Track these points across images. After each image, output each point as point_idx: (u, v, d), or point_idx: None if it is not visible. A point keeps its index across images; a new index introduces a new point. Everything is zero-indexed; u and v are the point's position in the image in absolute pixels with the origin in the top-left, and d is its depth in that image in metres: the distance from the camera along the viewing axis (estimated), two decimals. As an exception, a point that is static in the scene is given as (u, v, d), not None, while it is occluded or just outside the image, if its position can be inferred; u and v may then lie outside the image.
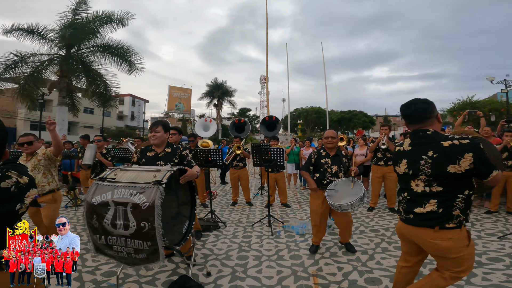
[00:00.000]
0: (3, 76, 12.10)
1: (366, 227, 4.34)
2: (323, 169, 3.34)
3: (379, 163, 5.20)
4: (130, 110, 46.31)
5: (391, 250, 3.43)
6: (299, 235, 4.02)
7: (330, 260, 3.18)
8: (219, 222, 4.53)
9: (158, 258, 1.95)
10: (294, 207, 5.82)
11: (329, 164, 3.34)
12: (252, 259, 3.23)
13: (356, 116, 46.28)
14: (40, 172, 3.22)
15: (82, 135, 6.11)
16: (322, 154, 3.42)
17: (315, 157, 3.42)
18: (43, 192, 3.21)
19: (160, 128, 2.80)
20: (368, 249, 3.44)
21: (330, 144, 3.37)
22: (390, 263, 3.06)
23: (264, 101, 66.12)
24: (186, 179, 2.41)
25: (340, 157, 3.39)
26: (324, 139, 3.44)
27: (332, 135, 3.39)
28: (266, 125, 7.88)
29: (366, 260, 3.14)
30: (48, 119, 2.93)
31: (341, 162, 3.37)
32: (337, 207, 2.92)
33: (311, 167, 3.42)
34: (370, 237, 3.87)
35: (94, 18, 13.47)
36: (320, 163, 3.37)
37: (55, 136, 3.11)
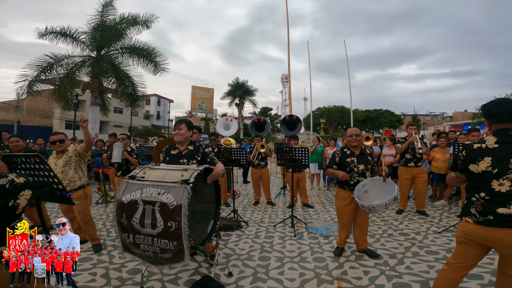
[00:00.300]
0: (40, 77, 12.91)
1: (394, 230, 4.17)
2: (349, 169, 3.19)
3: (409, 164, 4.94)
4: (155, 109, 47.90)
5: (422, 254, 3.26)
6: (323, 237, 3.91)
7: (355, 264, 3.06)
8: (242, 222, 4.52)
9: (183, 258, 1.96)
10: (317, 208, 5.70)
11: (355, 163, 3.19)
12: (274, 260, 3.17)
13: (383, 115, 44.61)
14: (71, 168, 3.37)
15: (110, 133, 6.38)
16: (347, 153, 3.27)
17: (339, 156, 3.28)
18: (74, 187, 3.36)
19: (184, 125, 2.83)
20: (397, 253, 3.30)
21: (354, 142, 3.23)
22: (421, 268, 2.91)
23: (285, 100, 65.79)
24: (213, 179, 2.41)
25: (365, 156, 3.24)
26: (347, 137, 3.29)
27: (356, 133, 3.24)
28: (287, 124, 7.78)
29: (394, 264, 3.01)
30: (81, 117, 3.08)
31: (367, 160, 3.22)
32: (369, 208, 2.78)
33: (335, 166, 3.29)
34: (399, 241, 3.71)
35: (121, 20, 14.05)
36: (345, 162, 3.23)
37: (87, 133, 3.26)
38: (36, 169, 1.71)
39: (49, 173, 1.72)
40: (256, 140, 5.99)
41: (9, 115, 27.21)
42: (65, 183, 3.30)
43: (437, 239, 3.77)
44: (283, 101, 67.73)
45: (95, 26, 13.61)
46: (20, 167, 1.71)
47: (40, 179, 1.73)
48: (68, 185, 3.31)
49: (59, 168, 3.33)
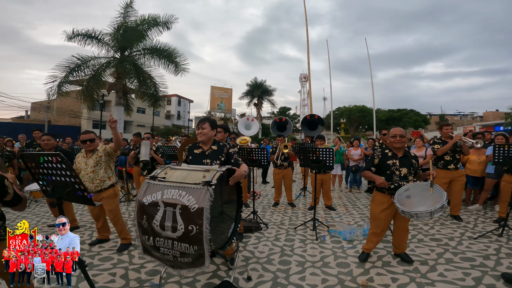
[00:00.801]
0: (68, 78, 13.51)
1: (425, 235, 3.94)
2: (390, 172, 2.96)
3: (449, 166, 4.61)
4: (176, 109, 48.96)
5: (457, 261, 3.07)
6: (346, 241, 3.76)
7: (382, 270, 2.90)
8: (261, 223, 4.42)
9: (203, 263, 1.89)
10: (339, 210, 5.51)
11: (397, 166, 2.96)
12: (295, 265, 3.06)
13: (407, 115, 42.86)
14: (102, 168, 3.39)
15: (134, 133, 6.52)
16: (388, 155, 3.04)
17: (379, 158, 3.05)
18: (105, 186, 3.38)
19: (207, 124, 2.74)
20: (429, 260, 3.12)
21: (398, 143, 2.99)
22: (456, 275, 2.75)
23: (304, 99, 64.99)
24: (235, 180, 2.32)
25: (409, 158, 3.00)
26: (390, 138, 3.05)
27: (400, 134, 2.99)
28: (308, 124, 7.57)
29: (426, 271, 2.85)
30: (110, 117, 3.08)
31: (410, 163, 2.97)
32: (411, 214, 2.58)
33: (373, 168, 3.08)
34: (430, 247, 3.51)
35: (142, 21, 14.40)
36: (386, 164, 3.00)
37: (116, 133, 3.26)
38: (58, 169, 1.69)
39: (71, 173, 1.70)
40: (279, 140, 5.85)
41: (40, 114, 28.87)
42: (96, 182, 3.33)
43: (472, 245, 3.55)
44: (301, 101, 66.89)
45: (117, 27, 14.06)
46: (42, 166, 1.71)
47: (62, 178, 1.72)
48: (99, 185, 3.34)
49: (90, 168, 3.35)
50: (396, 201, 2.73)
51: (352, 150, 7.47)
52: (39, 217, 4.87)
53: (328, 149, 4.33)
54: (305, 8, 25.71)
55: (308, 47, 24.50)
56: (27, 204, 5.58)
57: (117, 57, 14.59)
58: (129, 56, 14.69)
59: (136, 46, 14.74)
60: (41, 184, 1.85)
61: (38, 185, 1.87)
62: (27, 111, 31.67)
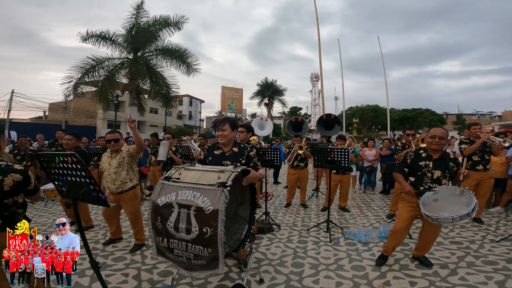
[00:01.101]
0: (84, 79, 13.85)
1: (444, 238, 3.82)
2: (421, 173, 2.83)
3: (477, 167, 4.42)
4: (188, 109, 49.47)
5: (479, 264, 2.99)
6: (361, 244, 3.66)
7: (400, 273, 2.81)
8: (273, 225, 4.36)
9: (217, 266, 1.85)
10: (353, 212, 5.39)
11: (429, 168, 2.80)
12: (308, 267, 2.99)
13: (422, 115, 41.79)
14: (124, 169, 3.34)
15: (151, 133, 6.60)
16: (422, 156, 2.89)
17: (412, 158, 2.92)
18: (126, 188, 3.33)
19: (227, 126, 2.65)
20: (449, 263, 3.04)
21: (435, 145, 2.79)
22: (478, 279, 2.68)
23: (315, 99, 64.39)
24: (249, 181, 2.26)
25: (445, 161, 2.80)
26: (428, 138, 2.86)
27: (441, 135, 2.77)
28: (323, 123, 7.45)
29: (446, 275, 2.77)
30: (129, 117, 3.03)
31: (446, 166, 2.77)
32: (432, 219, 2.48)
33: (406, 169, 2.95)
34: (450, 250, 3.42)
35: (154, 22, 14.62)
36: (417, 165, 2.86)
37: (136, 134, 3.21)
38: (73, 169, 1.69)
39: (86, 174, 1.69)
40: (295, 140, 5.75)
41: (58, 115, 29.77)
42: (117, 184, 3.30)
43: (495, 248, 3.43)
44: (313, 101, 66.33)
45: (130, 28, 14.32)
46: (58, 166, 1.71)
47: (77, 179, 1.71)
48: (120, 187, 3.31)
49: (112, 168, 3.32)
50: (421, 203, 2.61)
51: (366, 151, 7.32)
52: (55, 215, 4.97)
53: (343, 150, 4.22)
54: (316, 7, 25.46)
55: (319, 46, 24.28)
56: (45, 203, 5.76)
57: (130, 58, 14.86)
58: (141, 56, 14.94)
59: (149, 47, 14.99)
60: (56, 184, 1.85)
61: (54, 185, 1.87)
62: (45, 111, 32.71)
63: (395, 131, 43.23)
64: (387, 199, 6.62)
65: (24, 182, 1.84)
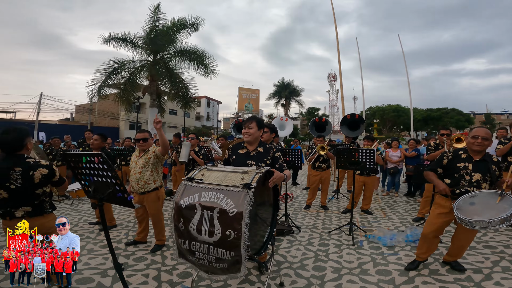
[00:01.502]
0: (107, 82, 14.37)
1: (477, 242, 3.68)
2: (458, 175, 2.65)
3: None
4: (205, 111, 50.16)
5: None
6: (386, 247, 3.52)
7: (429, 278, 2.69)
8: (293, 227, 4.28)
9: (239, 270, 1.80)
10: (377, 215, 5.21)
11: (468, 170, 2.62)
12: (330, 271, 2.90)
13: (448, 114, 40.02)
14: (148, 170, 3.33)
15: (174, 133, 6.71)
16: (461, 157, 2.70)
17: (449, 159, 2.74)
18: (148, 189, 3.33)
19: (254, 124, 2.58)
20: (483, 268, 2.94)
21: (477, 146, 2.59)
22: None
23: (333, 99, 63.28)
24: (274, 182, 2.19)
25: (487, 163, 2.61)
26: (470, 139, 2.67)
27: (484, 135, 2.57)
28: (348, 124, 7.25)
29: (480, 280, 2.67)
30: (155, 118, 3.00)
31: (487, 169, 2.58)
32: (466, 222, 2.32)
33: (440, 169, 2.79)
34: (484, 254, 3.29)
35: (172, 24, 14.89)
36: (455, 167, 2.68)
37: (161, 135, 3.17)
38: (99, 169, 1.70)
39: (112, 174, 1.70)
40: (318, 141, 5.61)
41: (84, 117, 31.15)
42: (141, 184, 3.31)
43: None
44: (330, 101, 65.29)
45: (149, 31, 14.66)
46: (85, 166, 1.73)
47: (103, 179, 1.72)
48: (143, 187, 3.31)
49: (138, 168, 3.34)
50: (455, 206, 2.46)
51: (390, 152, 7.04)
52: (81, 214, 5.14)
53: (369, 150, 4.06)
54: (333, 6, 25.03)
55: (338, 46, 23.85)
56: (71, 202, 6.00)
57: (150, 60, 15.25)
58: (161, 59, 15.28)
59: (167, 49, 15.29)
60: (83, 184, 1.88)
61: (80, 185, 1.91)
62: (71, 113, 34.29)
63: (418, 132, 41.63)
64: (412, 201, 6.35)
65: (50, 175, 2.15)
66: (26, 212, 2.09)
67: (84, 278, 2.74)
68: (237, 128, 8.78)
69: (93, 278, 2.73)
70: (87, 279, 2.71)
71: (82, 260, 3.11)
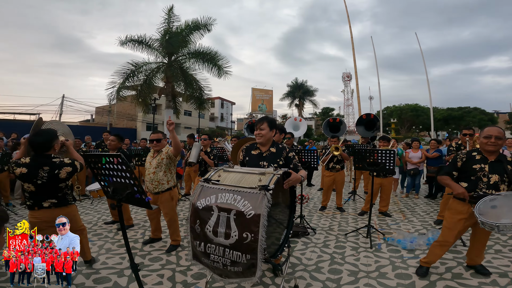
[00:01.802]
0: (125, 84, 14.78)
1: (503, 246, 3.57)
2: (475, 178, 2.53)
3: None
4: (219, 111, 50.61)
5: None
6: (406, 251, 3.42)
7: (452, 282, 2.61)
8: (308, 228, 4.22)
9: (254, 274, 1.76)
10: (396, 217, 5.06)
11: (485, 172, 2.50)
12: (347, 274, 2.84)
13: (470, 114, 38.41)
14: (161, 170, 3.40)
15: (188, 134, 6.80)
16: (476, 158, 2.59)
17: (463, 161, 2.63)
18: (162, 189, 3.40)
19: (265, 125, 2.54)
20: (509, 272, 2.84)
21: (491, 146, 2.49)
22: None
23: (348, 99, 62.24)
24: (290, 184, 2.15)
25: (503, 164, 2.51)
26: (483, 139, 2.56)
27: (497, 134, 2.48)
28: (364, 124, 7.11)
29: (506, 284, 2.61)
30: (168, 120, 3.07)
31: (504, 170, 2.49)
32: (492, 226, 2.19)
33: (455, 172, 2.67)
34: (510, 258, 3.19)
35: (186, 26, 15.14)
36: (471, 169, 2.56)
37: (174, 137, 3.24)
38: (118, 170, 1.71)
39: (131, 175, 1.70)
40: (332, 141, 5.50)
41: (103, 118, 32.20)
42: (154, 184, 3.38)
43: None
44: (345, 101, 64.25)
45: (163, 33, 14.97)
46: (104, 167, 1.75)
47: (122, 180, 1.73)
48: (156, 187, 3.38)
49: (152, 168, 3.41)
50: (477, 210, 2.32)
51: (410, 152, 6.79)
52: (100, 213, 5.27)
53: (389, 151, 3.92)
54: (346, 5, 24.60)
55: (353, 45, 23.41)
56: (91, 201, 6.17)
57: (165, 62, 15.54)
58: (175, 60, 15.54)
59: (182, 51, 15.54)
60: (102, 184, 1.91)
61: (100, 186, 1.94)
62: (92, 115, 35.55)
63: (439, 131, 40.21)
64: (434, 203, 6.13)
65: (73, 171, 2.51)
66: (52, 203, 2.45)
67: (102, 277, 2.79)
68: (250, 128, 8.79)
69: (110, 278, 2.78)
70: (104, 279, 2.76)
71: (100, 260, 3.19)
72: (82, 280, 2.72)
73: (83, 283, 2.67)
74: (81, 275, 2.81)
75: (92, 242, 3.68)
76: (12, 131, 9.27)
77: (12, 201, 5.94)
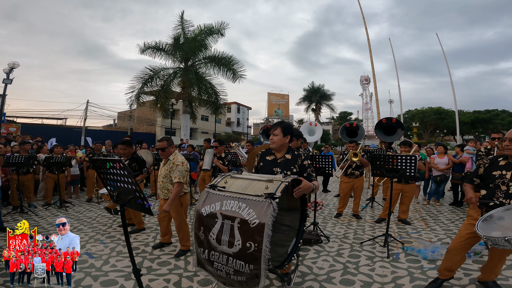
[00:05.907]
0: (143, 89, 15.20)
1: None
2: (494, 185, 2.31)
3: None
4: (236, 116, 50.93)
5: None
6: (427, 261, 3.21)
7: None
8: (322, 236, 4.07)
9: (257, 284, 1.68)
10: (417, 225, 4.79)
11: (505, 180, 2.26)
12: (360, 285, 2.69)
13: (498, 116, 36.40)
14: (168, 181, 3.40)
15: (205, 138, 6.86)
16: (499, 164, 2.35)
17: (485, 167, 2.43)
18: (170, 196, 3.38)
19: (279, 130, 2.43)
20: None
21: (509, 150, 2.29)
22: None
23: (367, 103, 60.80)
24: (301, 193, 2.04)
25: None
26: (508, 142, 2.32)
27: None
28: (384, 128, 6.84)
29: None
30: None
31: None
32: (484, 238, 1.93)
33: (477, 179, 2.49)
34: None
35: (200, 31, 15.40)
36: (490, 175, 2.34)
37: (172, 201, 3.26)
38: (121, 175, 1.71)
39: (132, 181, 1.70)
40: (350, 147, 5.30)
41: (125, 123, 33.37)
42: (164, 192, 3.43)
43: None
44: (364, 105, 62.84)
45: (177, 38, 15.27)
46: (109, 172, 1.76)
47: (125, 185, 1.73)
48: (166, 195, 3.43)
49: (162, 176, 3.44)
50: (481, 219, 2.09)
51: (436, 158, 6.40)
52: (115, 217, 5.31)
53: (410, 157, 3.72)
54: (361, 7, 24.18)
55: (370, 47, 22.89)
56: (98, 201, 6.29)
57: (182, 67, 15.88)
58: (192, 65, 15.85)
59: (197, 56, 15.82)
60: (109, 189, 1.91)
61: (106, 190, 1.95)
62: (114, 119, 36.91)
63: (465, 135, 38.31)
64: (460, 211, 5.77)
65: None
66: None
67: (109, 280, 2.80)
68: (265, 133, 8.73)
69: (117, 281, 2.79)
70: (111, 281, 2.77)
71: (110, 262, 3.22)
72: (89, 282, 2.74)
73: (90, 285, 2.68)
74: (89, 277, 2.84)
75: (105, 244, 3.74)
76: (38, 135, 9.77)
77: (35, 203, 6.18)
